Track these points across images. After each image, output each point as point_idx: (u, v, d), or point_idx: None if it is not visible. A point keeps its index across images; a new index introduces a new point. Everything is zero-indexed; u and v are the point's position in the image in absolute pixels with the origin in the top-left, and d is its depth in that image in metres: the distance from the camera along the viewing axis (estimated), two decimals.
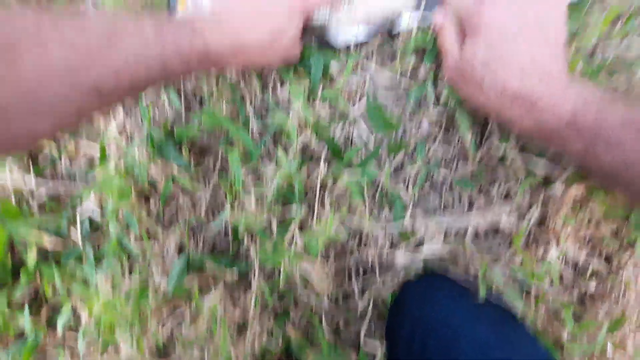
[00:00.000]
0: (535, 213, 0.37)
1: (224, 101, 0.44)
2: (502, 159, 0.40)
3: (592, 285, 0.42)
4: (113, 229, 0.42)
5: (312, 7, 0.40)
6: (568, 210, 0.36)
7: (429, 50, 0.41)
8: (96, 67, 0.26)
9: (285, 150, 0.43)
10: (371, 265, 0.44)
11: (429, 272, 0.43)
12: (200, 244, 0.44)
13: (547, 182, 0.38)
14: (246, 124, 0.44)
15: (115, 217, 0.42)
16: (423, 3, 0.41)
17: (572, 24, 0.37)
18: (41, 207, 0.44)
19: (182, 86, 0.46)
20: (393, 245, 0.44)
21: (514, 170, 0.39)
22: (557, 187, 0.35)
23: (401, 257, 0.41)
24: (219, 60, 0.36)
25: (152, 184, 0.45)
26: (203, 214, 0.46)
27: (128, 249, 0.42)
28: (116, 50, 0.27)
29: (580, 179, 0.35)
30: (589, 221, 0.39)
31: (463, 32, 0.35)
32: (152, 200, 0.45)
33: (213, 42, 0.34)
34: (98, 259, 0.41)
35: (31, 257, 0.40)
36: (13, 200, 0.44)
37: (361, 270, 0.45)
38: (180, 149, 0.45)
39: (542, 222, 0.39)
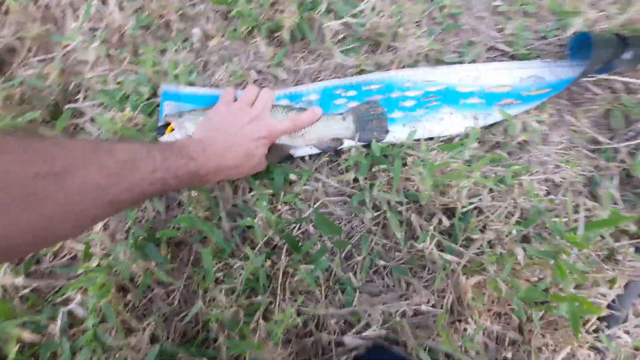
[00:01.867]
0: (450, 297, 0.46)
1: (200, 204, 0.52)
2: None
3: (510, 353, 0.49)
4: (91, 322, 0.45)
5: (276, 137, 0.51)
6: (473, 293, 0.45)
7: (362, 165, 0.53)
8: (118, 185, 0.33)
9: (252, 246, 0.50)
10: (328, 346, 0.49)
11: (376, 346, 0.48)
12: (173, 334, 0.47)
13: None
14: (219, 224, 0.52)
15: (95, 311, 0.46)
16: (358, 132, 0.54)
17: None
18: (23, 299, 0.47)
19: None
20: (345, 327, 0.50)
21: (432, 261, 0.48)
22: (460, 277, 0.44)
23: (351, 338, 0.47)
24: (205, 178, 0.44)
25: (131, 278, 0.49)
26: (176, 304, 0.50)
27: (104, 341, 0.45)
28: (134, 172, 0.35)
29: (476, 268, 0.45)
30: (498, 299, 0.48)
31: None
32: (130, 293, 0.49)
33: (201, 165, 0.43)
34: (75, 352, 0.44)
35: (12, 351, 0.42)
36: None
37: (320, 350, 0.50)
38: (158, 244, 0.51)
39: (460, 302, 0.48)
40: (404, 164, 0.52)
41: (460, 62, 0.58)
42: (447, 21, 0.60)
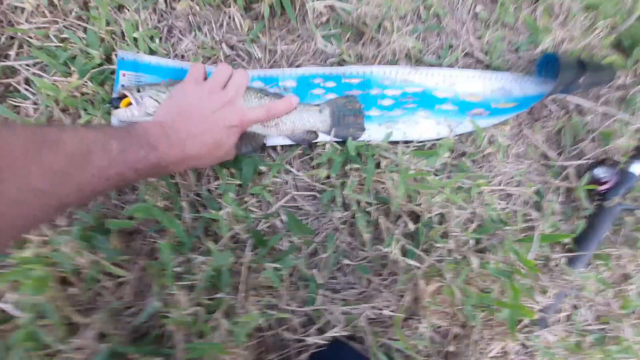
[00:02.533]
0: (407, 298, 0.48)
1: (159, 192, 0.47)
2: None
3: (453, 345, 0.54)
4: (25, 319, 0.40)
5: (248, 126, 0.47)
6: (430, 295, 0.47)
7: (335, 162, 0.51)
8: (65, 186, 0.28)
9: (215, 239, 0.47)
10: (289, 343, 0.50)
11: (335, 342, 0.50)
12: (123, 331, 0.44)
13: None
14: (179, 215, 0.47)
15: (30, 306, 0.40)
16: (335, 127, 0.52)
17: None
18: None
19: None
20: (307, 325, 0.50)
21: (394, 262, 0.50)
22: (420, 281, 0.47)
23: (312, 335, 0.48)
24: (167, 169, 0.40)
25: (75, 270, 0.44)
26: (127, 298, 0.46)
27: (42, 339, 0.40)
28: (86, 168, 0.30)
29: (435, 274, 0.47)
30: (451, 302, 0.52)
31: None
32: (73, 287, 0.44)
33: (163, 154, 0.38)
34: (7, 351, 0.38)
35: None
36: None
37: (279, 347, 0.50)
38: (108, 234, 0.45)
39: (417, 301, 0.51)
40: (377, 165, 0.52)
41: (439, 65, 0.58)
42: (430, 20, 0.59)
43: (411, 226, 0.51)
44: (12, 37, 0.46)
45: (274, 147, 0.53)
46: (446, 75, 0.56)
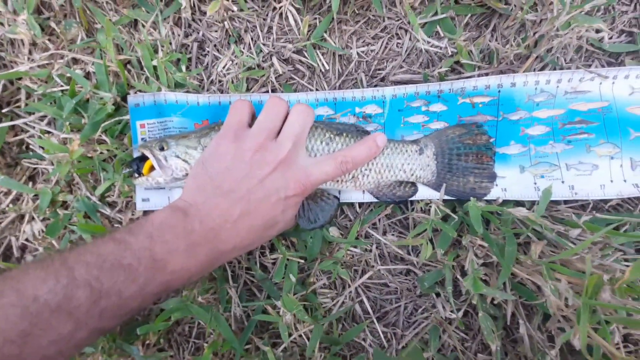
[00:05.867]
0: None
1: (201, 279, 0.34)
2: None
3: None
4: None
5: (312, 189, 0.30)
6: None
7: (444, 235, 0.31)
8: None
9: (272, 336, 0.33)
10: None
11: None
12: None
13: None
14: (227, 306, 0.34)
15: None
16: (444, 176, 0.32)
17: None
18: None
19: None
20: None
21: None
22: None
23: None
24: (187, 282, 0.27)
25: None
26: None
27: None
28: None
29: None
30: None
31: None
32: None
33: (176, 270, 0.26)
34: None
35: None
36: None
37: None
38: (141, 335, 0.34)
39: None
40: (524, 242, 0.30)
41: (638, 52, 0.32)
42: None
43: (577, 343, 0.29)
44: (12, 83, 0.34)
45: (351, 203, 0.35)
46: None
